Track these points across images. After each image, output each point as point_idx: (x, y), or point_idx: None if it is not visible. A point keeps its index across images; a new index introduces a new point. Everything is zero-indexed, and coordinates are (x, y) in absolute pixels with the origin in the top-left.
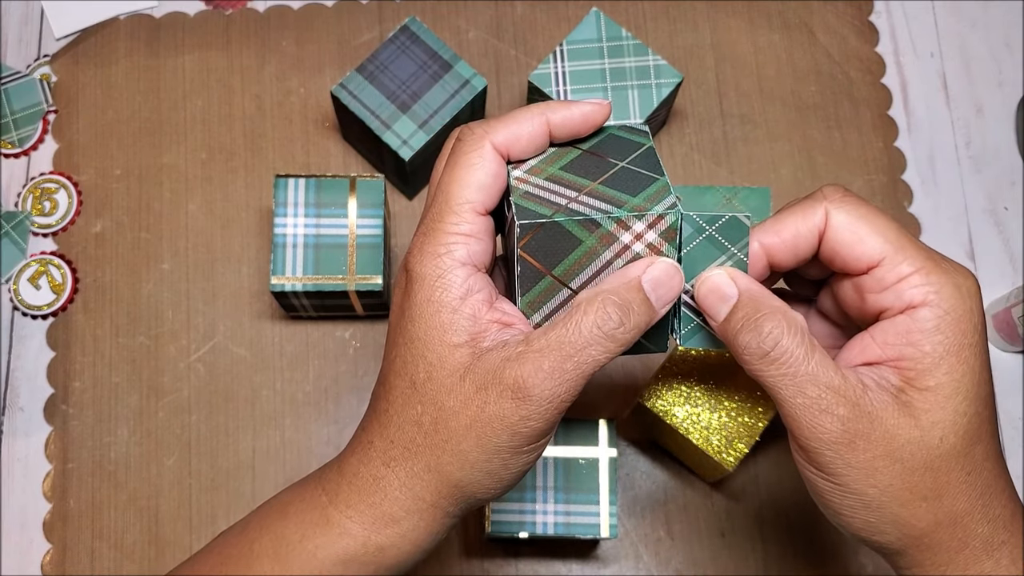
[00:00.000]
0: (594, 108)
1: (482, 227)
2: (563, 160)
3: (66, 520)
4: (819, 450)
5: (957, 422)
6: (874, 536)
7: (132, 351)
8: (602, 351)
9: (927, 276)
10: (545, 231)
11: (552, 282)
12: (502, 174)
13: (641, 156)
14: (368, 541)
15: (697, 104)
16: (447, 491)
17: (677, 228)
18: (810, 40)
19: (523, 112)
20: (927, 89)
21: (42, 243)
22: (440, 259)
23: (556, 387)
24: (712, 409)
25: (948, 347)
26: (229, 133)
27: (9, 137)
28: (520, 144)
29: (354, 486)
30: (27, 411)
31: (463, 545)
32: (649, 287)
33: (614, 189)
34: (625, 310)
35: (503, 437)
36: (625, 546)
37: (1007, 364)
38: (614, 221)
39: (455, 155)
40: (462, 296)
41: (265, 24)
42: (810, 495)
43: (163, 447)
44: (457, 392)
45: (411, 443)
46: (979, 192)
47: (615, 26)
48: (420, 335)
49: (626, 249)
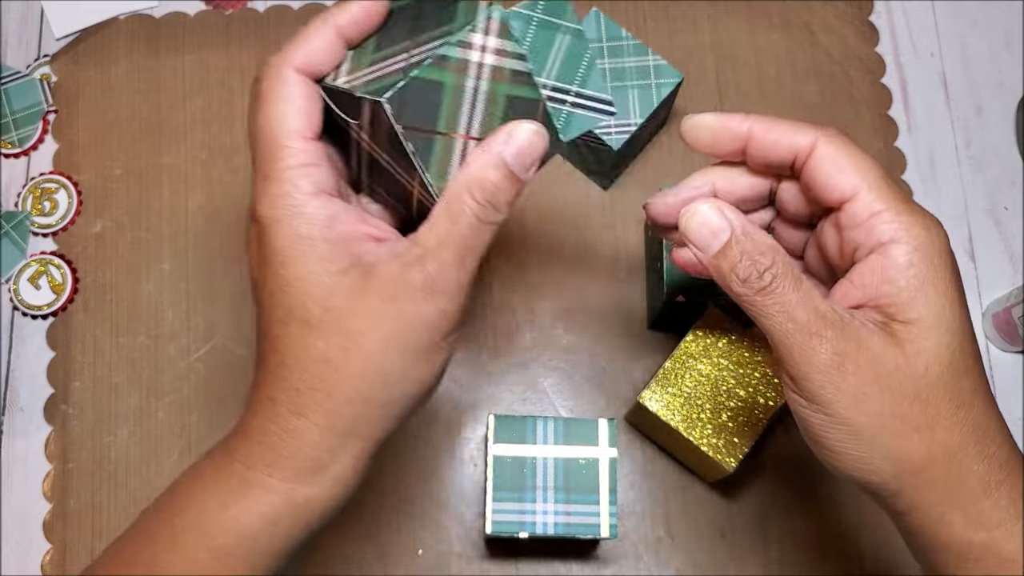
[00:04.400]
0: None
1: (317, 153)
2: (369, 48)
3: (66, 520)
4: (809, 375)
5: (940, 353)
6: (869, 475)
7: (132, 351)
8: (488, 232)
9: (897, 215)
10: (408, 93)
11: (443, 139)
12: (313, 92)
13: (425, 1)
14: (294, 494)
15: (697, 104)
16: (374, 415)
17: (507, 22)
18: (810, 40)
19: (310, 28)
20: (927, 89)
21: (42, 243)
22: (289, 196)
23: (462, 275)
24: (712, 409)
25: (922, 279)
26: (229, 133)
27: (9, 137)
28: (319, 57)
29: (265, 444)
30: (27, 411)
31: (463, 545)
32: (512, 160)
33: (434, 30)
34: (493, 195)
35: (424, 338)
36: (625, 546)
37: (1007, 364)
38: (456, 47)
39: (260, 93)
40: (328, 224)
41: (265, 24)
42: (804, 440)
43: (163, 447)
44: (362, 311)
45: (321, 384)
46: (979, 192)
47: (615, 26)
48: (298, 275)
49: (481, 67)
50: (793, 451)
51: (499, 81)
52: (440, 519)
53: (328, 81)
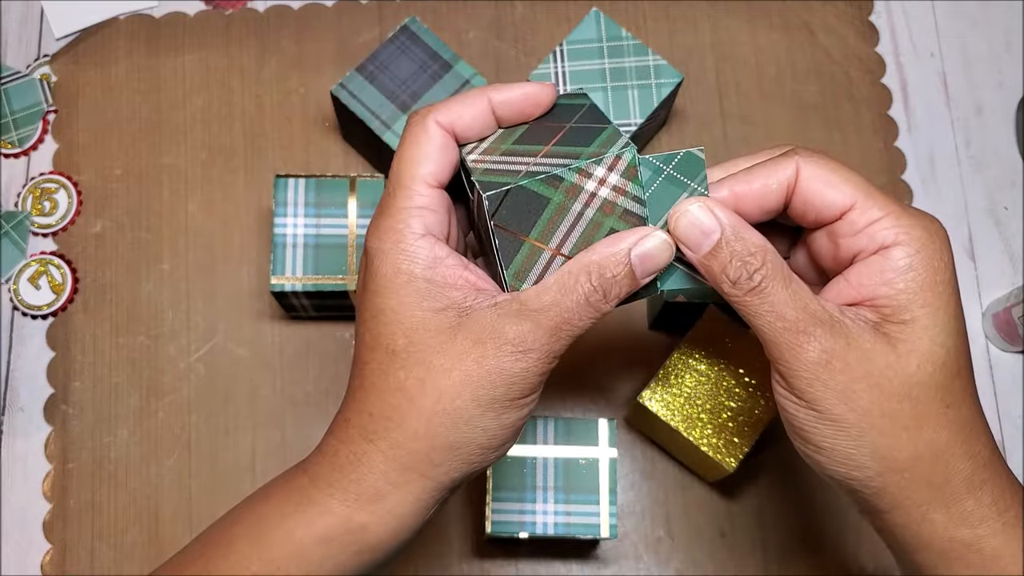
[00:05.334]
0: (536, 89)
1: (436, 200)
2: (514, 135)
3: (66, 520)
4: (798, 372)
5: (935, 352)
6: (854, 471)
7: (132, 351)
8: (588, 319)
9: (897, 219)
10: (512, 198)
11: (532, 246)
12: (449, 146)
13: (585, 114)
14: (350, 519)
15: (697, 104)
16: (439, 456)
17: (636, 165)
18: (810, 40)
19: (466, 93)
20: (927, 89)
21: (42, 243)
22: (398, 233)
23: (554, 344)
24: (712, 409)
25: (921, 283)
26: (229, 133)
27: (9, 137)
28: (463, 121)
29: (334, 464)
30: (27, 411)
31: (463, 545)
32: (637, 260)
33: (568, 146)
34: (608, 285)
35: (500, 390)
36: (625, 546)
37: (1007, 364)
38: (575, 172)
39: (403, 138)
40: (431, 264)
41: (265, 24)
42: (790, 437)
43: (163, 447)
44: (448, 350)
45: (394, 412)
46: (979, 192)
47: (615, 26)
48: (391, 306)
49: (593, 197)
50: (793, 451)
51: (608, 214)
52: (440, 519)
53: (464, 151)
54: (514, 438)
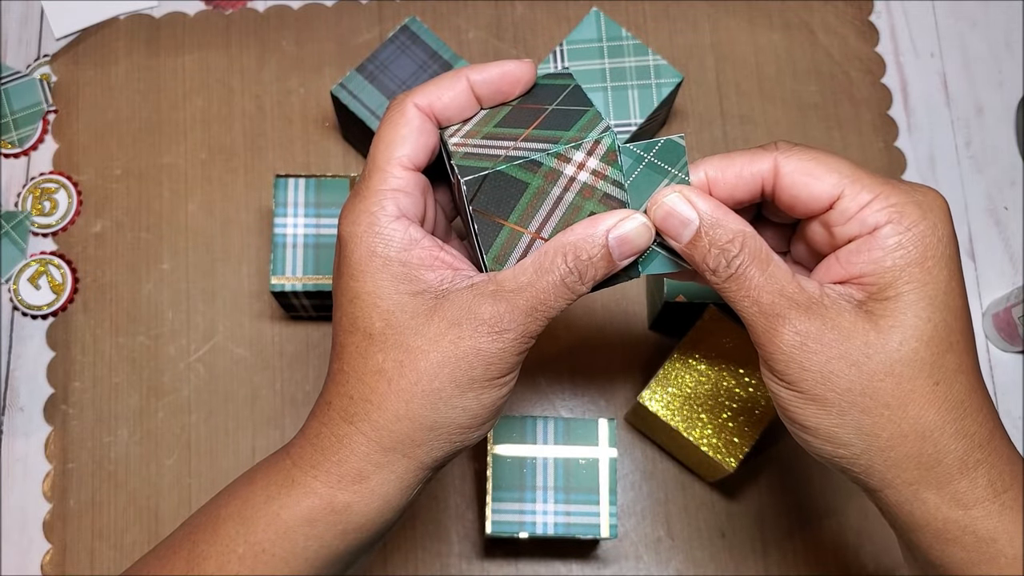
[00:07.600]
0: (514, 66)
1: (411, 182)
2: (496, 118)
3: (66, 520)
4: (774, 355)
5: (920, 327)
6: (840, 450)
7: (132, 351)
8: (564, 300)
9: (887, 199)
10: (490, 182)
11: (511, 230)
12: (427, 129)
13: (568, 95)
14: (334, 499)
15: (697, 104)
16: (420, 437)
17: (615, 150)
18: (810, 40)
19: (446, 73)
20: (927, 89)
21: (42, 243)
22: (372, 216)
23: (530, 324)
24: (712, 409)
25: (909, 260)
26: (229, 133)
27: (9, 137)
28: (443, 102)
29: (317, 446)
30: (27, 411)
31: (463, 545)
32: (615, 242)
33: (548, 130)
34: (584, 267)
35: (478, 370)
36: (625, 546)
37: (1007, 364)
38: (554, 157)
39: (381, 122)
40: (405, 247)
41: (265, 24)
42: (781, 418)
43: (163, 447)
44: (425, 332)
45: (373, 394)
46: (979, 192)
47: (615, 26)
48: (367, 289)
49: (572, 181)
50: (793, 451)
51: (588, 198)
52: (440, 519)
53: (446, 134)
54: (494, 417)
